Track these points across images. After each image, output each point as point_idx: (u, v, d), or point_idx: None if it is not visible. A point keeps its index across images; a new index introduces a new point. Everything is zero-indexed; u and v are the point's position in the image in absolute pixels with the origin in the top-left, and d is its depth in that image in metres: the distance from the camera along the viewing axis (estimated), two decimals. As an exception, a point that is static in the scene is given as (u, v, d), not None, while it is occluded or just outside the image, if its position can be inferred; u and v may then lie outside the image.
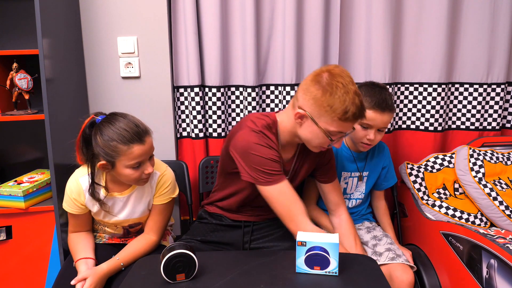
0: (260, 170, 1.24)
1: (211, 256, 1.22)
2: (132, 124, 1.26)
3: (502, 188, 1.63)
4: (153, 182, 1.40)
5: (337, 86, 1.18)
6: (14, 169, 1.83)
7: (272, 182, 1.24)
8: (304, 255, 1.06)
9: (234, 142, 1.30)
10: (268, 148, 1.26)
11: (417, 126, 1.93)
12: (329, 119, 1.20)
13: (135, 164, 1.27)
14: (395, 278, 1.40)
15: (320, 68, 1.26)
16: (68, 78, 1.66)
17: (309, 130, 1.25)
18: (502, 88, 1.88)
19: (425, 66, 1.86)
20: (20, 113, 1.60)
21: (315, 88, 1.21)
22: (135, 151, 1.25)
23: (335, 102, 1.18)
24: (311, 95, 1.21)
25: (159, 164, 1.44)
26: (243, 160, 1.27)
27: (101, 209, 1.38)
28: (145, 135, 1.28)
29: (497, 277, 1.29)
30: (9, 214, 1.56)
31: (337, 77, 1.20)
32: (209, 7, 1.75)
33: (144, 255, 1.37)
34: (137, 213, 1.42)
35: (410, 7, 1.83)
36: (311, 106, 1.22)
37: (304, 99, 1.23)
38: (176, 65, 1.82)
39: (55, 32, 1.55)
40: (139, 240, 1.41)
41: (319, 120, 1.22)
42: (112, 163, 1.27)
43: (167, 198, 1.44)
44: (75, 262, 1.35)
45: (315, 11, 1.78)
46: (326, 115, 1.20)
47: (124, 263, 1.33)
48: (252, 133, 1.27)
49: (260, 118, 1.33)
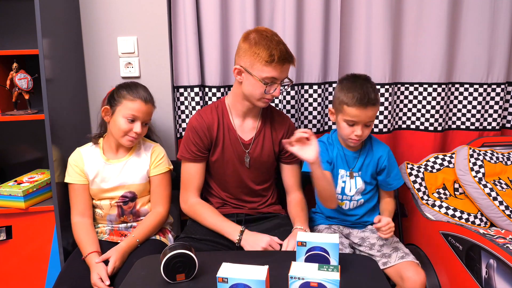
0: (182, 146, 1.53)
1: (211, 256, 1.22)
2: (146, 91, 1.50)
3: (502, 188, 1.63)
4: (147, 151, 1.56)
5: (261, 37, 1.39)
6: (14, 169, 1.83)
7: (182, 157, 1.52)
8: (304, 255, 1.06)
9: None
10: (193, 132, 1.49)
11: (417, 126, 1.93)
12: (259, 65, 1.38)
13: (130, 116, 1.44)
14: (407, 279, 1.36)
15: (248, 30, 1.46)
16: (68, 78, 1.66)
17: (248, 83, 1.42)
18: (502, 88, 1.88)
19: (425, 66, 1.86)
20: (20, 113, 1.60)
21: (244, 43, 1.41)
22: (136, 105, 1.45)
23: (260, 49, 1.37)
24: (242, 50, 1.41)
25: (153, 142, 1.62)
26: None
27: (98, 174, 1.49)
28: (150, 102, 1.50)
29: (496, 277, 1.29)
30: (9, 214, 1.56)
31: (262, 32, 1.42)
32: (209, 7, 1.75)
33: (156, 228, 1.53)
34: (133, 179, 1.52)
35: (410, 7, 1.83)
36: (243, 59, 1.41)
37: (238, 57, 1.43)
38: (176, 65, 1.82)
39: (55, 32, 1.55)
40: (149, 216, 1.53)
41: (252, 70, 1.39)
42: (114, 110, 1.46)
43: (164, 168, 1.56)
44: (87, 254, 1.39)
45: (315, 11, 1.78)
46: (256, 62, 1.38)
47: (140, 239, 1.46)
48: (194, 115, 1.54)
49: (209, 104, 1.60)
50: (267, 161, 1.55)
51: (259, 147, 1.53)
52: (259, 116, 1.55)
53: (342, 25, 1.82)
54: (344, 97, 1.45)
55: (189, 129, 1.51)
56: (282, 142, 1.42)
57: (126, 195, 1.51)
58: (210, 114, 1.51)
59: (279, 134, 1.55)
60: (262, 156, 1.54)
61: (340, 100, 1.46)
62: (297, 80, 1.83)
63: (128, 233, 1.52)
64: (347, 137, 1.49)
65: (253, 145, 1.53)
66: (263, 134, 1.54)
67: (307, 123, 1.90)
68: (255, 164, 1.54)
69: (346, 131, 1.48)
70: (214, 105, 1.55)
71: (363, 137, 1.49)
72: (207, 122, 1.50)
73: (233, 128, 1.52)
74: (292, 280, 0.91)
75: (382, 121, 1.87)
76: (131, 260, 1.37)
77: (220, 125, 1.51)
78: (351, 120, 1.45)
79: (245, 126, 1.53)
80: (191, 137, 1.50)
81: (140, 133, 1.47)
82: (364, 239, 1.56)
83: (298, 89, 1.85)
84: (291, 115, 1.85)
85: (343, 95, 1.45)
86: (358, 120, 1.44)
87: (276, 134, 1.55)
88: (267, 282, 0.91)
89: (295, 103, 1.85)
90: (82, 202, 1.50)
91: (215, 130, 1.50)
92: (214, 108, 1.53)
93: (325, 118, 1.92)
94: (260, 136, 1.54)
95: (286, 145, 1.35)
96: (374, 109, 1.46)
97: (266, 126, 1.55)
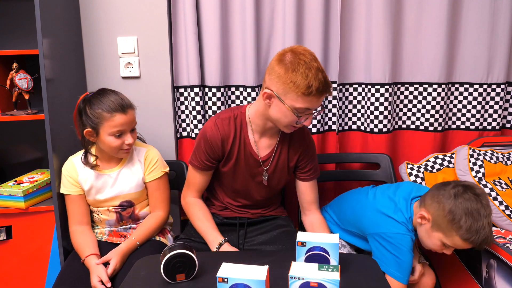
0: (193, 151, 1.47)
1: (211, 256, 1.22)
2: (118, 97, 1.41)
3: (502, 188, 1.63)
4: (140, 157, 1.52)
5: (299, 63, 1.23)
6: (14, 169, 1.83)
7: (190, 163, 1.47)
8: (304, 255, 1.06)
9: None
10: (206, 142, 1.41)
11: (417, 126, 1.93)
12: (294, 95, 1.25)
13: (116, 132, 1.39)
14: (419, 283, 1.35)
15: (284, 48, 1.31)
16: (68, 78, 1.66)
17: (277, 109, 1.30)
18: (502, 88, 1.88)
19: (425, 66, 1.86)
20: (20, 113, 1.60)
21: (279, 67, 1.26)
22: (117, 120, 1.38)
23: (297, 77, 1.23)
24: (276, 74, 1.26)
25: (144, 145, 1.58)
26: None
27: (92, 185, 1.46)
28: (128, 108, 1.42)
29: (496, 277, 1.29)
30: (9, 214, 1.56)
31: (299, 55, 1.25)
32: (209, 7, 1.75)
33: (156, 230, 1.51)
34: (128, 188, 1.49)
35: (410, 7, 1.83)
36: (276, 84, 1.26)
37: (270, 79, 1.29)
38: (176, 65, 1.82)
39: (55, 32, 1.55)
40: (149, 218, 1.52)
41: (285, 98, 1.26)
42: (97, 131, 1.39)
43: (160, 172, 1.53)
44: (85, 257, 1.38)
45: (315, 11, 1.78)
46: (291, 91, 1.24)
47: (140, 241, 1.45)
48: (210, 121, 1.43)
49: (228, 110, 1.46)
50: (281, 177, 1.49)
51: (274, 164, 1.46)
52: (279, 133, 1.46)
53: (342, 25, 1.82)
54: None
55: (202, 137, 1.42)
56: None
57: (123, 204, 1.50)
58: (228, 126, 1.41)
59: (297, 152, 1.47)
60: (276, 172, 1.47)
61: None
62: (297, 80, 1.83)
63: (128, 234, 1.52)
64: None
65: (270, 161, 1.45)
66: (279, 151, 1.46)
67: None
68: (270, 182, 1.48)
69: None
70: (233, 114, 1.43)
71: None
72: (222, 133, 1.40)
73: (249, 143, 1.43)
74: (292, 280, 0.91)
75: (382, 121, 1.87)
76: (131, 261, 1.37)
77: (236, 139, 1.41)
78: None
79: (262, 142, 1.44)
80: (202, 147, 1.42)
81: (133, 142, 1.43)
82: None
83: (298, 89, 1.85)
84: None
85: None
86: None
87: (293, 152, 1.47)
88: (267, 282, 0.91)
89: (295, 103, 1.84)
90: (79, 212, 1.48)
91: (230, 143, 1.41)
92: (233, 118, 1.42)
93: (324, 118, 1.92)
94: (277, 153, 1.45)
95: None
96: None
97: (284, 144, 1.46)
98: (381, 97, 1.84)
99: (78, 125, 1.44)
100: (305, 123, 1.32)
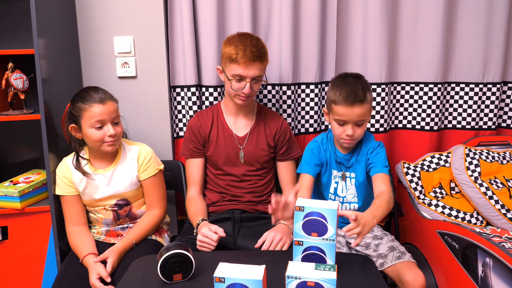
0: (182, 145, 1.65)
1: (208, 256, 1.22)
2: (97, 90, 1.44)
3: (497, 187, 1.63)
4: (133, 155, 1.52)
5: (235, 36, 1.47)
6: (10, 170, 1.83)
7: (182, 155, 1.64)
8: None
9: None
10: (190, 131, 1.61)
11: (413, 125, 1.94)
12: (228, 64, 1.46)
13: (96, 123, 1.39)
14: (406, 283, 1.34)
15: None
16: (64, 78, 1.65)
17: (225, 82, 1.52)
18: (498, 88, 1.89)
19: (421, 65, 1.87)
20: (16, 113, 1.59)
21: (223, 45, 1.50)
22: (95, 110, 1.39)
23: (228, 47, 1.46)
24: (222, 52, 1.50)
25: (137, 143, 1.58)
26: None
27: (87, 185, 1.46)
28: (107, 99, 1.43)
29: (492, 275, 1.30)
30: (5, 214, 1.55)
31: (241, 33, 1.51)
32: (206, 6, 1.74)
33: (153, 229, 1.52)
34: (123, 187, 1.49)
35: (406, 7, 1.84)
36: (222, 60, 1.52)
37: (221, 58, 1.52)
38: (172, 64, 1.82)
39: (51, 31, 1.54)
40: (145, 217, 1.53)
41: (225, 68, 1.49)
42: (79, 125, 1.42)
43: (154, 170, 1.53)
44: (84, 257, 1.38)
45: (311, 11, 1.78)
46: (226, 61, 1.47)
47: (136, 240, 1.45)
48: (194, 116, 1.66)
49: (209, 107, 1.70)
50: (261, 155, 1.60)
51: (253, 142, 1.59)
52: (254, 115, 1.62)
53: (338, 25, 1.82)
54: (333, 96, 1.41)
55: (187, 129, 1.64)
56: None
57: (119, 202, 1.50)
58: (206, 114, 1.63)
59: (273, 130, 1.61)
60: (256, 151, 1.59)
61: (330, 98, 1.44)
62: (293, 79, 1.83)
63: (124, 233, 1.52)
64: (339, 137, 1.45)
65: (248, 140, 1.59)
66: (257, 130, 1.61)
67: (304, 122, 1.90)
68: (249, 160, 1.59)
69: (337, 131, 1.43)
70: (211, 107, 1.68)
71: (356, 137, 1.42)
72: (201, 121, 1.61)
73: (227, 125, 1.61)
74: (289, 279, 0.92)
75: (378, 120, 1.88)
76: (126, 261, 1.37)
77: (214, 123, 1.60)
78: (340, 120, 1.40)
79: (239, 123, 1.61)
80: (188, 136, 1.62)
81: (115, 133, 1.42)
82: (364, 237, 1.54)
83: (294, 88, 1.85)
84: (288, 114, 1.85)
85: (332, 94, 1.42)
86: (347, 119, 1.39)
87: (270, 130, 1.61)
88: (264, 282, 0.91)
89: (291, 102, 1.85)
90: (75, 213, 1.49)
91: (208, 128, 1.60)
92: (210, 109, 1.65)
93: (321, 118, 1.92)
94: (254, 132, 1.60)
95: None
96: (361, 107, 1.38)
97: (260, 123, 1.62)
98: (378, 96, 1.85)
99: (65, 126, 1.47)
100: (244, 91, 1.46)
